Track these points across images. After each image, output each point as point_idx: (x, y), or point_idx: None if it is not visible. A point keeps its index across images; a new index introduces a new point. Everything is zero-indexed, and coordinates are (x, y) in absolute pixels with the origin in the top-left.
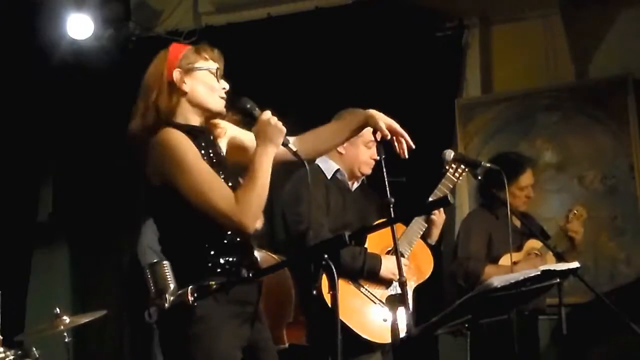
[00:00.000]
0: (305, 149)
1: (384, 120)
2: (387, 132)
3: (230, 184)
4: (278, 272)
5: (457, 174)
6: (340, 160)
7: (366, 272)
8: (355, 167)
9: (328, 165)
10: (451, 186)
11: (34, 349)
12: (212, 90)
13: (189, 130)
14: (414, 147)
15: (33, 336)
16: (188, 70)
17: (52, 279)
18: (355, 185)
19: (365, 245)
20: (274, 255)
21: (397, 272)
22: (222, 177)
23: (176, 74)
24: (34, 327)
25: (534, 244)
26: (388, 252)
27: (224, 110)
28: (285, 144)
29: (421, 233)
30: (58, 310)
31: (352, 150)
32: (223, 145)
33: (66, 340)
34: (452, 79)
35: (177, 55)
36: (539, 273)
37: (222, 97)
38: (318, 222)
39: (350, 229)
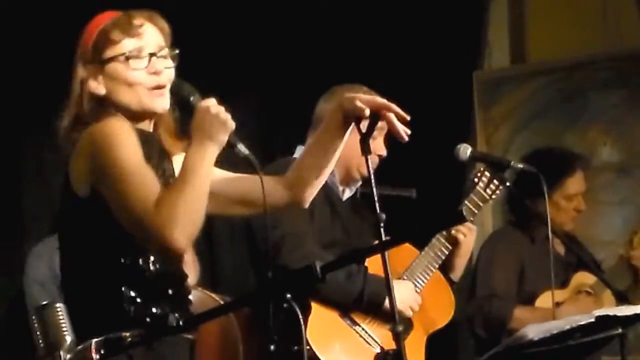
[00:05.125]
0: (292, 187)
1: (360, 97)
2: (364, 106)
3: None
4: (220, 320)
5: (489, 190)
6: None
7: (366, 301)
8: (352, 166)
9: None
10: (481, 204)
11: None
12: (127, 85)
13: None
14: (408, 118)
15: None
16: (98, 66)
17: None
18: (348, 193)
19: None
20: (213, 295)
21: (412, 303)
22: None
23: (85, 74)
24: None
25: (584, 278)
26: (396, 279)
27: (159, 105)
28: (232, 144)
29: (441, 259)
30: None
31: (350, 140)
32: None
33: None
34: (469, 43)
35: (88, 43)
36: (592, 320)
37: (152, 88)
38: (298, 230)
39: (337, 250)
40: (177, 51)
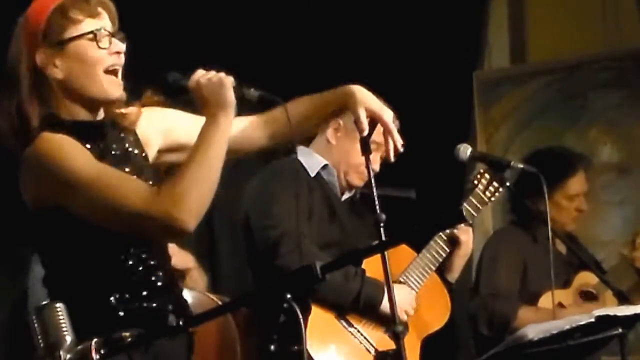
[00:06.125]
0: (273, 126)
1: (366, 103)
2: (365, 125)
3: None
4: (218, 320)
5: (488, 192)
6: (329, 152)
7: (362, 303)
8: (341, 169)
9: (312, 160)
10: (480, 207)
11: None
12: (92, 66)
13: (76, 129)
14: (401, 149)
15: None
16: (57, 47)
17: None
18: (347, 194)
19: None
20: (212, 296)
21: (407, 307)
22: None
23: (40, 57)
24: None
25: (586, 278)
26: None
27: (118, 93)
28: (240, 95)
29: (439, 262)
30: None
31: (345, 143)
32: (151, 139)
33: None
34: (469, 43)
35: (38, 25)
36: (592, 320)
37: (111, 70)
38: (297, 231)
39: (334, 251)
40: (124, 34)
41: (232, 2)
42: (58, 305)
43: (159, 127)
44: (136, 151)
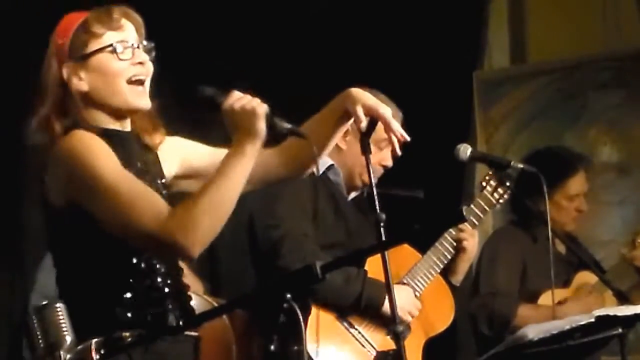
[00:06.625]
0: (292, 157)
1: (364, 101)
2: (362, 118)
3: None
4: (213, 321)
5: (496, 194)
6: (338, 156)
7: (364, 305)
8: (355, 172)
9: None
10: (487, 209)
11: None
12: (113, 77)
13: (105, 134)
14: (408, 138)
15: None
16: (80, 61)
17: None
18: (353, 193)
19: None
20: (210, 299)
21: (411, 308)
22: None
23: (66, 71)
24: None
25: (586, 277)
26: (396, 284)
27: (143, 102)
28: (271, 126)
29: (443, 264)
30: None
31: (355, 145)
32: (169, 163)
33: None
34: (469, 43)
35: (65, 40)
36: (592, 320)
37: (134, 81)
38: (300, 231)
39: (339, 251)
40: (153, 44)
41: (232, 2)
42: (58, 305)
43: (178, 153)
44: (155, 170)
